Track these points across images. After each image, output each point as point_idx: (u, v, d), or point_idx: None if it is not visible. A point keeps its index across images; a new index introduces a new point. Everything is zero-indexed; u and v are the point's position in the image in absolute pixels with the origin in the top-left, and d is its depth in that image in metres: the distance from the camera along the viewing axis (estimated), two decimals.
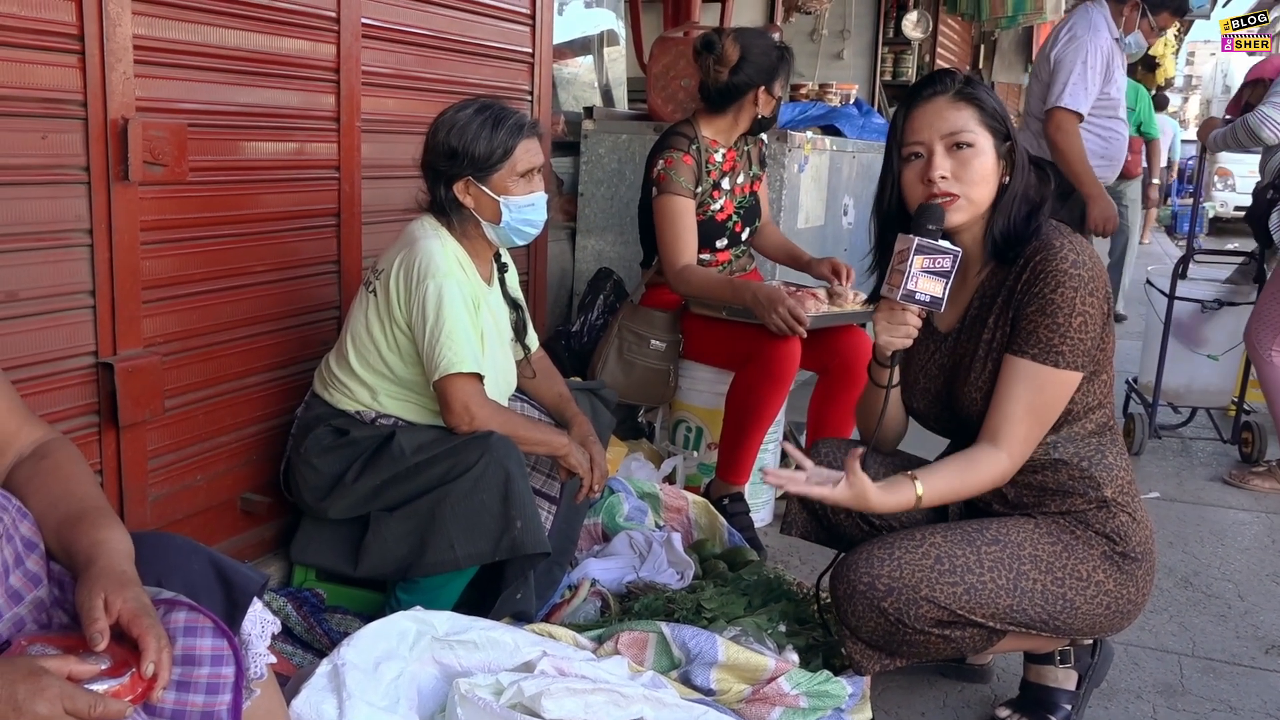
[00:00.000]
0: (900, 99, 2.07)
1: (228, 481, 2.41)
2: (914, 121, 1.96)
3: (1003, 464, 1.93)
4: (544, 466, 2.44)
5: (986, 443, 1.94)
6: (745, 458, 3.02)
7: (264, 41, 2.32)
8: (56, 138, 1.91)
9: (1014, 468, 1.95)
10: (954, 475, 1.94)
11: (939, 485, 1.93)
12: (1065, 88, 4.09)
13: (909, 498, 1.91)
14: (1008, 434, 1.92)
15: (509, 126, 2.21)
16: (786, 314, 2.81)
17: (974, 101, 1.94)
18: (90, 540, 1.27)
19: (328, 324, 2.62)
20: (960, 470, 1.94)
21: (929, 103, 1.96)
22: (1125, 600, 2.01)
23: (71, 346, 2.00)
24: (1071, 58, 4.12)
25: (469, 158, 2.20)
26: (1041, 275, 1.89)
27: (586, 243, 4.13)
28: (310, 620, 2.24)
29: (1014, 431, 1.91)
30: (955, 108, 1.94)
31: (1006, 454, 1.92)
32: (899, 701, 2.26)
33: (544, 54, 3.35)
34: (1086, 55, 4.10)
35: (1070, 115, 4.10)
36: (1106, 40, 4.19)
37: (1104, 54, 4.17)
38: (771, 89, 3.13)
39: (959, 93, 1.95)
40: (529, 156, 2.24)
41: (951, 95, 1.95)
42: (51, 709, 1.04)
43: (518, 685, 1.79)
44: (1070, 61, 4.11)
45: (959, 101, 1.94)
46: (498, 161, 2.21)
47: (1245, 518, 3.58)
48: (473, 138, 2.19)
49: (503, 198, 2.23)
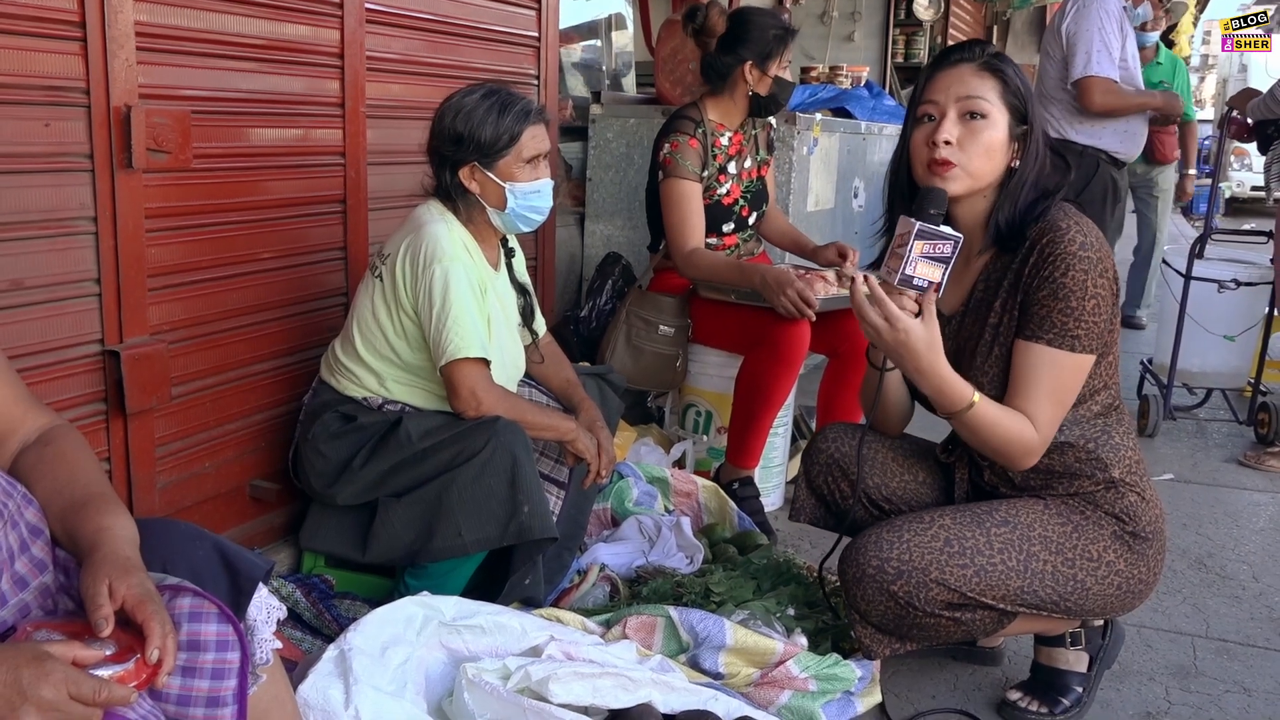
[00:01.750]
0: (930, 63, 2.03)
1: (236, 469, 2.41)
2: (934, 83, 1.93)
3: (1033, 436, 1.89)
4: (552, 451, 2.43)
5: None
6: (755, 442, 3.01)
7: (267, 27, 2.31)
8: (60, 125, 1.91)
9: (1040, 448, 1.91)
10: (1000, 413, 1.89)
11: (989, 408, 1.88)
12: (1090, 56, 4.08)
13: (966, 395, 1.86)
14: (1034, 419, 1.89)
15: (515, 112, 2.20)
16: (795, 296, 2.79)
17: (999, 75, 1.91)
18: (95, 526, 1.27)
19: (334, 310, 2.62)
20: (1006, 413, 1.89)
21: (953, 68, 1.92)
22: (1136, 580, 2.00)
23: (77, 334, 2.00)
24: (1086, 26, 4.10)
25: (474, 143, 2.19)
26: (1050, 259, 1.86)
27: (595, 227, 4.12)
28: (319, 606, 2.25)
29: (1038, 415, 1.89)
30: (979, 76, 1.90)
31: (1034, 431, 1.89)
32: (909, 684, 2.25)
33: (550, 38, 3.34)
34: (1101, 21, 4.08)
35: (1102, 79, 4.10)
36: (1115, 6, 4.16)
37: (1115, 19, 4.14)
38: (764, 66, 3.07)
39: (986, 63, 1.91)
40: (535, 143, 2.23)
41: (978, 64, 1.91)
42: (56, 694, 1.04)
43: (525, 670, 1.79)
44: (1086, 30, 4.09)
45: (983, 71, 1.91)
46: (504, 148, 2.20)
47: (1261, 499, 3.55)
48: (479, 123, 2.18)
49: (508, 184, 2.22)
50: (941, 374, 1.85)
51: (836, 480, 2.22)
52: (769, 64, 3.08)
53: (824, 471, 2.23)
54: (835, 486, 2.22)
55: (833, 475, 2.22)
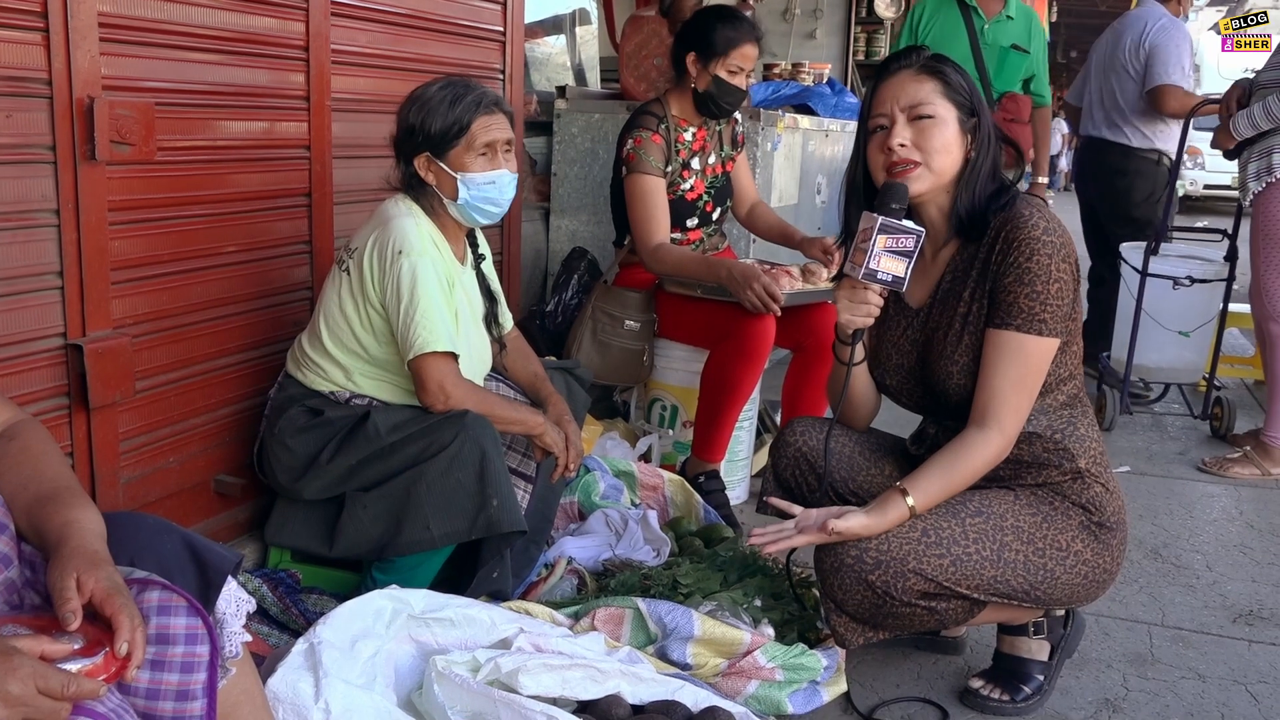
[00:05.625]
0: (873, 78, 2.09)
1: (201, 463, 2.39)
2: (879, 95, 2.00)
3: (994, 444, 1.93)
4: (520, 445, 2.44)
5: (974, 427, 1.94)
6: (720, 436, 3.03)
7: (231, 19, 2.29)
8: (21, 116, 1.88)
9: (1008, 445, 1.95)
10: (943, 473, 1.94)
11: (930, 489, 1.94)
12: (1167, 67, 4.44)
13: (901, 513, 1.92)
14: (998, 410, 1.92)
15: (466, 102, 2.20)
16: (761, 291, 2.81)
17: (938, 75, 1.97)
18: (61, 520, 1.26)
19: (300, 304, 2.60)
20: (948, 466, 1.95)
21: (894, 76, 1.99)
22: (1101, 570, 2.04)
23: (40, 328, 1.98)
24: (1165, 41, 4.45)
25: (425, 134, 2.20)
26: (1015, 245, 1.90)
27: (560, 222, 4.12)
28: (286, 601, 2.23)
29: (1005, 406, 1.92)
30: (918, 81, 1.96)
31: (998, 432, 1.93)
32: (873, 674, 2.28)
33: (516, 32, 3.33)
34: (1177, 39, 4.46)
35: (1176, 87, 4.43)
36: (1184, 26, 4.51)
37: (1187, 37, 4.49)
38: (707, 62, 3.04)
39: (923, 66, 1.98)
40: (488, 132, 2.22)
41: (916, 69, 1.98)
42: (24, 689, 1.03)
43: (494, 662, 1.79)
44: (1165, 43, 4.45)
45: (922, 75, 1.97)
46: (454, 138, 2.20)
47: (1214, 490, 3.62)
48: (430, 113, 2.19)
49: (460, 175, 2.22)
50: (873, 531, 1.92)
51: (805, 474, 2.24)
52: (713, 62, 3.04)
53: (792, 465, 2.25)
54: (803, 480, 2.24)
55: (801, 469, 2.24)
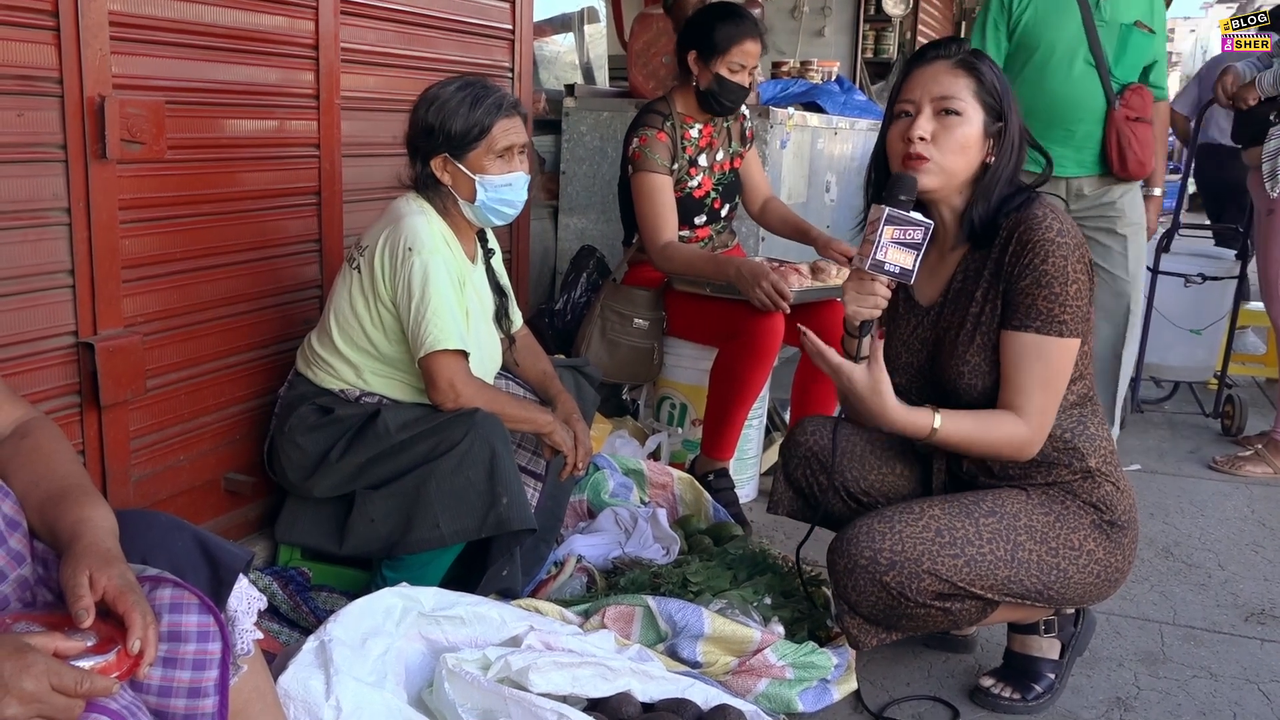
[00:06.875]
0: (907, 60, 2.06)
1: (211, 461, 2.40)
2: (911, 80, 1.96)
3: (1023, 431, 1.92)
4: (529, 444, 2.44)
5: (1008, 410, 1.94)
6: (730, 434, 3.03)
7: (241, 17, 2.29)
8: (32, 115, 1.89)
9: (1035, 441, 1.94)
10: (974, 422, 1.93)
11: (961, 424, 1.92)
12: None
13: (925, 424, 1.90)
14: (1025, 408, 1.91)
15: (487, 105, 2.20)
16: (770, 289, 2.81)
17: (973, 72, 1.93)
18: (74, 518, 1.26)
19: (310, 303, 2.61)
20: (981, 419, 1.93)
21: (929, 65, 1.95)
22: (1113, 569, 2.03)
23: (51, 326, 1.98)
24: None
25: (445, 135, 2.19)
26: (1029, 246, 1.89)
27: (569, 221, 4.12)
28: (296, 599, 2.24)
29: (1031, 405, 1.91)
30: (953, 74, 1.93)
31: (1026, 425, 1.92)
32: (884, 672, 2.27)
33: (524, 30, 3.33)
34: None
35: None
36: None
37: None
38: (708, 59, 3.03)
39: (961, 60, 1.94)
40: (507, 135, 2.23)
41: (953, 62, 1.94)
42: (38, 685, 1.03)
43: (505, 660, 1.80)
44: None
45: (958, 69, 1.93)
46: (474, 140, 2.20)
47: (1226, 489, 3.61)
48: (450, 115, 2.19)
49: (479, 176, 2.22)
50: (890, 416, 1.90)
51: (815, 473, 2.23)
52: (714, 59, 3.03)
53: (802, 464, 2.25)
54: (813, 479, 2.24)
55: (811, 468, 2.24)
